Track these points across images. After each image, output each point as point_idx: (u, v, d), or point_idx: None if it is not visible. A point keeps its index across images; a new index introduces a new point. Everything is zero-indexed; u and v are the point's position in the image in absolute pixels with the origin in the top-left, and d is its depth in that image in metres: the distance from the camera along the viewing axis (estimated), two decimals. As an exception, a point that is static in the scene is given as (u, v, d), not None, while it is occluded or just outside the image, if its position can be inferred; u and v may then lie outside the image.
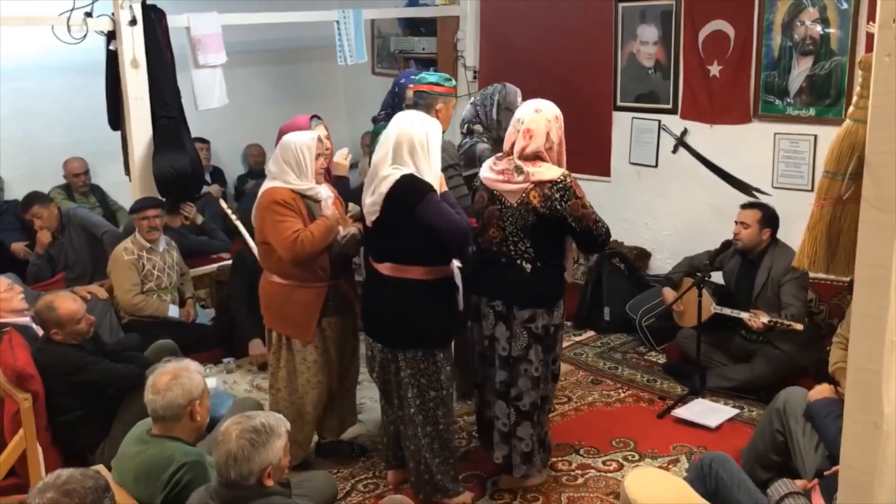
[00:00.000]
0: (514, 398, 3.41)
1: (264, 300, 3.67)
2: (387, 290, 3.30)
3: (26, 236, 5.51)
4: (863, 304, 1.90)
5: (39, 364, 3.51)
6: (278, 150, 3.53)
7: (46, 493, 2.05)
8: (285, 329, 3.60)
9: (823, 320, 4.57)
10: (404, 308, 3.27)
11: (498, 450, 3.51)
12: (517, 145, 3.30)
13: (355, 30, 5.87)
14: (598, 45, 5.73)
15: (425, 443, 3.36)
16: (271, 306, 3.63)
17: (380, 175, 3.19)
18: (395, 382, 3.39)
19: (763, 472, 3.35)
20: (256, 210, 3.54)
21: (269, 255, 3.56)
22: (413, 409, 3.34)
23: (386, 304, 3.31)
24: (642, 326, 5.15)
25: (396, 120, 3.28)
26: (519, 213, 3.26)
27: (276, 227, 3.41)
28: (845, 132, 2.00)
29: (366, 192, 3.27)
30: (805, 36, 4.70)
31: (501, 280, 3.36)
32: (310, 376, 3.62)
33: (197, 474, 2.58)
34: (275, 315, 3.63)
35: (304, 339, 3.58)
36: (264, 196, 3.49)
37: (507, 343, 3.37)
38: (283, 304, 3.57)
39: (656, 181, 5.59)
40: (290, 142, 3.51)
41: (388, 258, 3.27)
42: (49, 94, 6.16)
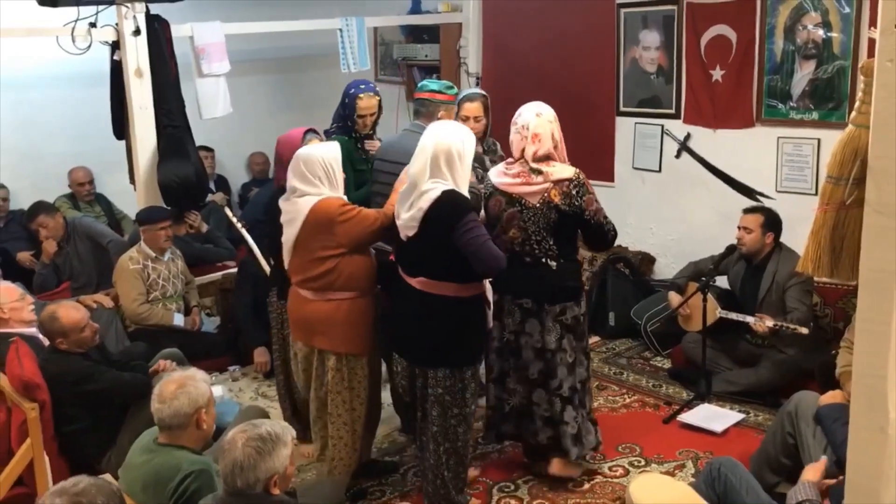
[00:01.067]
0: (556, 388, 3.53)
1: (316, 324, 3.38)
2: (418, 305, 3.23)
3: (32, 246, 5.53)
4: (867, 308, 1.90)
5: (46, 374, 3.52)
6: (302, 167, 3.31)
7: (58, 497, 2.06)
8: (347, 346, 3.37)
9: (829, 324, 4.56)
10: (436, 325, 3.22)
11: (542, 433, 3.62)
12: (528, 150, 3.43)
13: (358, 37, 5.89)
14: (600, 51, 5.74)
15: (444, 459, 3.32)
16: (330, 327, 3.35)
17: (419, 189, 3.13)
18: (420, 397, 3.35)
19: (772, 476, 3.35)
20: (315, 227, 3.27)
21: (338, 269, 3.30)
22: (435, 427, 3.30)
23: (417, 319, 3.25)
24: (647, 331, 5.14)
25: (431, 131, 3.22)
26: (542, 213, 3.39)
27: (358, 220, 3.25)
28: (848, 137, 2.00)
29: (401, 205, 3.21)
30: (807, 40, 4.70)
31: (529, 278, 3.45)
32: (360, 391, 3.45)
33: (204, 483, 2.59)
34: (335, 334, 3.36)
35: (363, 353, 3.42)
36: (321, 209, 3.25)
37: (539, 336, 3.49)
38: (345, 320, 3.35)
39: (660, 186, 5.59)
40: (315, 156, 3.32)
41: (423, 273, 3.21)
42: (54, 105, 6.18)
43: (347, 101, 4.19)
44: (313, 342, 3.42)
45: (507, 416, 3.69)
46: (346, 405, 3.44)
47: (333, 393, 3.42)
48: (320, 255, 3.30)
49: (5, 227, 5.76)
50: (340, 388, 3.42)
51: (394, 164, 3.86)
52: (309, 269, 3.35)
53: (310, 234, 3.29)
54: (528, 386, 3.58)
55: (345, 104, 4.21)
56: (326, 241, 3.27)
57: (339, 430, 3.46)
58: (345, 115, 4.22)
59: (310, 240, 3.30)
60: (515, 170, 3.46)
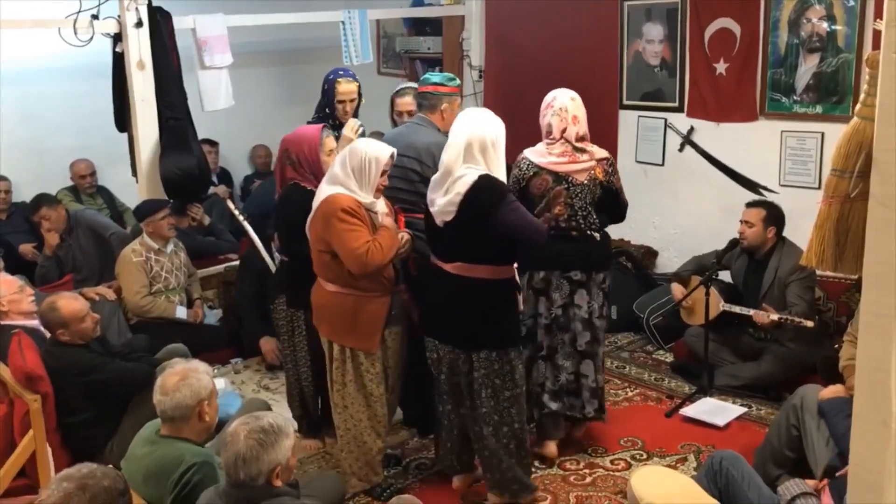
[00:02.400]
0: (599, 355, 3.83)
1: (325, 311, 3.43)
2: (458, 290, 3.26)
3: (34, 238, 5.53)
4: (871, 302, 1.89)
5: (49, 366, 3.52)
6: (347, 155, 3.31)
7: (65, 482, 2.10)
8: (351, 341, 3.39)
9: (831, 318, 4.56)
10: (477, 308, 3.25)
11: (588, 405, 3.81)
12: (570, 131, 3.67)
13: (361, 30, 5.88)
14: (603, 44, 5.72)
15: (504, 443, 3.33)
16: (335, 318, 3.40)
17: (454, 175, 3.16)
18: (465, 383, 3.34)
19: (775, 469, 3.36)
20: (318, 217, 3.30)
21: (330, 265, 3.34)
22: (487, 410, 3.30)
23: (457, 304, 3.28)
24: (650, 325, 5.14)
25: (464, 120, 3.27)
26: (588, 189, 3.65)
27: (345, 237, 3.20)
28: (853, 130, 1.99)
29: (435, 191, 3.23)
30: (812, 33, 4.69)
31: (578, 251, 3.69)
32: (373, 388, 3.45)
33: (206, 475, 2.59)
34: (339, 327, 3.40)
35: (371, 350, 3.41)
36: (328, 203, 3.26)
37: (587, 306, 3.72)
38: (350, 314, 3.36)
39: (663, 180, 5.58)
40: (361, 149, 3.31)
41: (460, 258, 3.23)
42: (56, 97, 6.18)
43: (327, 88, 4.20)
44: (321, 330, 3.49)
45: (557, 394, 3.77)
46: (351, 398, 3.44)
47: (338, 384, 3.45)
48: (318, 247, 3.35)
49: (8, 220, 5.76)
50: (344, 381, 3.43)
51: (398, 156, 3.85)
52: (318, 258, 3.40)
53: (317, 224, 3.33)
54: (577, 358, 3.76)
55: (324, 91, 4.22)
56: (324, 234, 3.29)
57: (346, 422, 3.47)
58: (324, 102, 4.23)
59: (315, 229, 3.35)
60: (559, 149, 3.66)
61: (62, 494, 2.07)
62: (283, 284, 3.91)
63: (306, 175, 3.68)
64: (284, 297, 3.87)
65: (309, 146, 3.65)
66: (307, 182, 3.66)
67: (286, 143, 3.74)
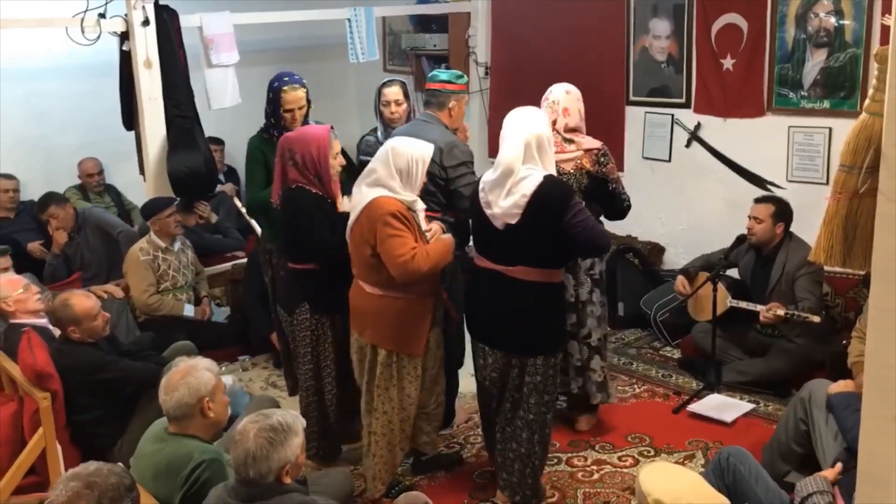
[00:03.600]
0: (585, 337, 3.90)
1: (368, 317, 3.36)
2: (520, 295, 3.19)
3: (42, 236, 5.55)
4: (880, 297, 1.89)
5: (58, 364, 3.54)
6: (390, 156, 3.26)
7: (71, 481, 2.10)
8: (397, 345, 3.34)
9: (839, 314, 4.55)
10: (538, 314, 3.22)
11: (573, 382, 3.97)
12: (559, 122, 3.79)
13: (367, 27, 5.87)
14: (610, 40, 5.71)
15: (536, 449, 3.33)
16: (380, 323, 3.33)
17: (515, 176, 3.10)
18: (513, 387, 3.31)
19: (783, 465, 3.36)
20: (363, 221, 3.24)
21: (375, 268, 3.28)
22: (533, 415, 3.28)
23: (519, 310, 3.21)
24: (657, 321, 5.14)
25: (518, 119, 3.21)
26: (575, 178, 3.73)
27: (390, 243, 3.16)
28: (861, 125, 1.98)
29: (494, 192, 3.15)
30: (819, 28, 4.67)
31: None
32: (411, 391, 3.42)
33: (215, 472, 2.60)
34: (385, 332, 3.34)
35: (417, 354, 3.38)
36: (374, 207, 3.21)
37: (574, 290, 3.84)
38: (396, 318, 3.32)
39: (670, 176, 5.57)
40: (407, 150, 3.27)
41: (523, 261, 3.16)
42: (64, 96, 6.19)
43: (272, 96, 3.98)
44: (364, 335, 3.41)
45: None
46: (391, 402, 3.41)
47: (381, 389, 3.40)
48: (364, 251, 3.28)
49: (16, 218, 5.77)
50: (388, 385, 3.39)
51: None
52: (362, 262, 3.33)
53: (360, 227, 3.27)
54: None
55: (269, 99, 4.01)
56: (369, 237, 3.23)
57: (380, 427, 3.43)
58: (269, 111, 4.02)
59: (360, 232, 3.27)
60: None
61: (70, 494, 2.07)
62: (304, 292, 3.62)
63: (310, 177, 3.49)
64: (307, 305, 3.61)
65: (317, 147, 3.47)
66: (311, 185, 3.49)
67: (290, 143, 3.53)
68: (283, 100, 3.96)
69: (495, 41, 6.50)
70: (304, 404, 3.74)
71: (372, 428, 3.44)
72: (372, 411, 3.43)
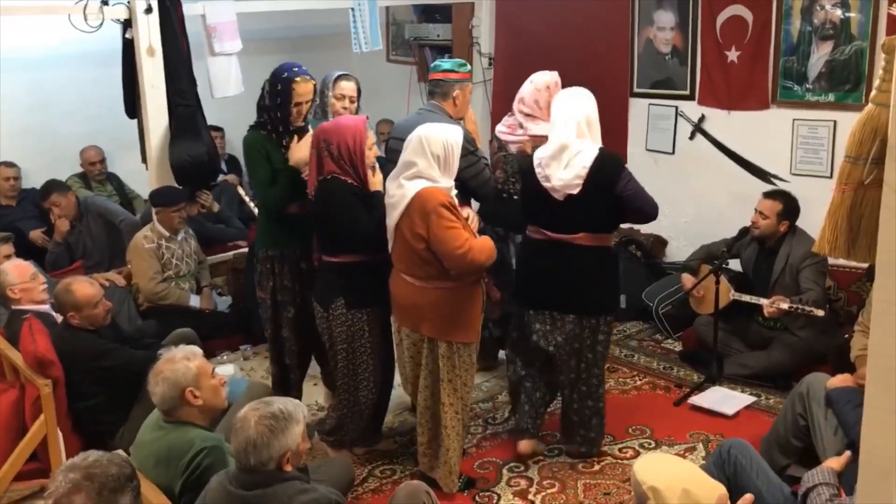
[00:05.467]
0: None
1: (424, 310, 3.34)
2: (585, 260, 3.47)
3: (44, 224, 5.55)
4: (884, 290, 1.88)
5: (60, 350, 3.54)
6: (425, 144, 3.25)
7: (71, 472, 2.07)
8: (455, 336, 3.36)
9: (842, 307, 4.54)
10: (603, 274, 3.54)
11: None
12: (516, 107, 4.17)
13: (370, 17, 5.85)
14: (614, 31, 5.69)
15: (602, 405, 3.67)
16: (437, 315, 3.33)
17: (571, 150, 3.39)
18: (585, 348, 3.55)
19: (782, 458, 3.35)
20: (414, 213, 3.21)
21: (426, 261, 3.26)
22: (601, 370, 3.63)
23: (586, 273, 3.49)
24: (659, 314, 5.13)
25: (568, 98, 3.52)
26: (515, 159, 4.05)
27: (446, 234, 3.17)
28: (867, 116, 1.97)
29: (550, 167, 3.42)
30: (825, 20, 4.65)
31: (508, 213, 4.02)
32: (468, 379, 3.45)
33: (216, 459, 2.60)
34: (443, 323, 3.34)
35: (473, 340, 3.42)
36: (424, 199, 3.20)
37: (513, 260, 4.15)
38: (453, 308, 3.34)
39: (673, 168, 5.56)
40: (440, 135, 3.27)
41: (585, 228, 3.45)
42: (66, 84, 6.18)
43: (281, 88, 3.66)
44: (421, 329, 3.39)
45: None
46: (456, 393, 3.42)
47: (445, 382, 3.40)
48: (417, 245, 3.25)
49: (18, 206, 5.77)
50: (452, 377, 3.39)
51: None
52: (410, 257, 3.31)
53: (410, 221, 3.24)
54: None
55: (277, 91, 3.68)
56: (421, 231, 3.22)
57: (451, 420, 3.43)
58: (275, 104, 3.69)
59: (409, 226, 3.25)
60: (508, 122, 4.20)
61: (70, 486, 2.03)
62: (340, 286, 3.49)
63: (346, 167, 3.39)
64: (343, 300, 3.48)
65: (354, 138, 3.37)
66: (346, 175, 3.40)
67: (326, 134, 3.41)
68: (296, 92, 3.66)
69: (499, 31, 6.47)
70: (340, 400, 3.65)
71: (444, 423, 3.43)
72: (440, 405, 3.43)
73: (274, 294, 3.85)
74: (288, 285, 3.82)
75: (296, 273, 3.81)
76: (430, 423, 3.49)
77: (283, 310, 3.85)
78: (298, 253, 3.80)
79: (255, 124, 3.83)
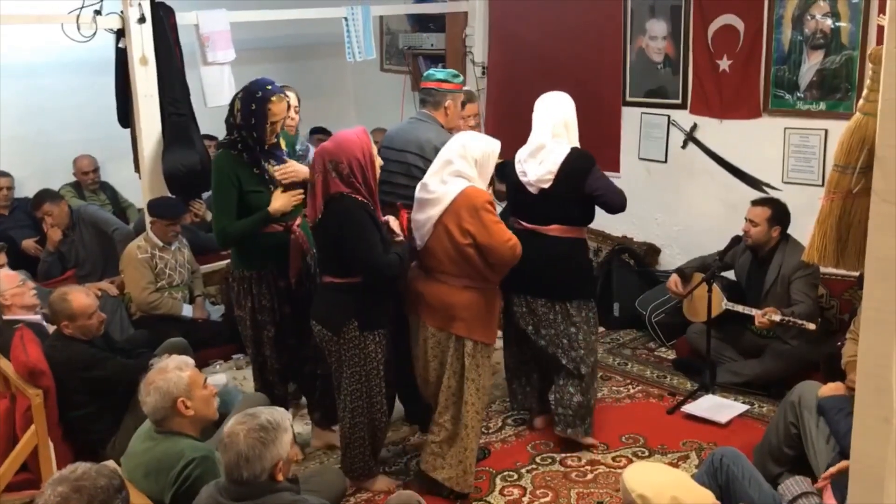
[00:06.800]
0: None
1: (458, 309, 3.38)
2: (557, 250, 3.74)
3: (37, 233, 5.54)
4: (873, 297, 1.89)
5: (51, 360, 3.53)
6: (466, 149, 3.37)
7: (59, 486, 2.05)
8: (481, 335, 3.45)
9: (834, 315, 4.55)
10: (574, 264, 3.80)
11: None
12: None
13: (364, 26, 5.87)
14: (607, 40, 5.71)
15: (588, 388, 3.83)
16: (470, 314, 3.40)
17: (547, 148, 3.70)
18: (558, 333, 3.78)
19: (775, 467, 3.35)
20: (462, 210, 3.29)
21: (466, 258, 3.34)
22: (584, 351, 3.79)
23: (557, 262, 3.74)
24: (652, 322, 5.13)
25: (548, 101, 3.78)
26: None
27: (495, 230, 3.32)
28: (855, 125, 1.98)
29: (527, 163, 3.74)
30: (816, 30, 4.67)
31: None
32: (486, 379, 3.54)
33: (206, 469, 2.59)
34: (476, 322, 3.42)
35: (493, 341, 3.53)
36: (471, 197, 3.31)
37: None
38: (484, 307, 3.44)
39: (666, 177, 5.57)
40: (479, 142, 3.43)
41: (558, 221, 3.74)
42: (59, 93, 6.18)
43: (256, 108, 3.46)
44: (452, 328, 3.42)
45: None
46: (478, 393, 3.48)
47: (469, 381, 3.45)
48: (462, 241, 3.32)
49: (10, 215, 5.77)
50: (475, 376, 3.46)
51: (401, 151, 3.86)
52: (449, 254, 3.37)
53: (456, 217, 3.32)
54: None
55: (251, 111, 3.47)
56: (469, 226, 3.30)
57: (472, 419, 3.47)
58: (248, 124, 3.49)
59: (456, 222, 3.32)
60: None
61: (59, 499, 2.01)
62: (351, 308, 3.34)
63: (357, 185, 3.25)
64: (356, 322, 3.34)
65: (362, 150, 3.26)
66: (356, 193, 3.26)
67: (330, 154, 3.25)
68: (271, 112, 3.49)
69: (492, 41, 6.49)
70: (350, 426, 3.46)
71: (465, 422, 3.46)
72: (463, 404, 3.46)
73: (253, 313, 3.75)
74: (267, 305, 3.73)
75: (274, 292, 3.72)
76: (448, 423, 3.49)
77: (264, 329, 3.77)
78: (276, 272, 3.71)
79: (225, 142, 3.64)
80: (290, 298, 3.73)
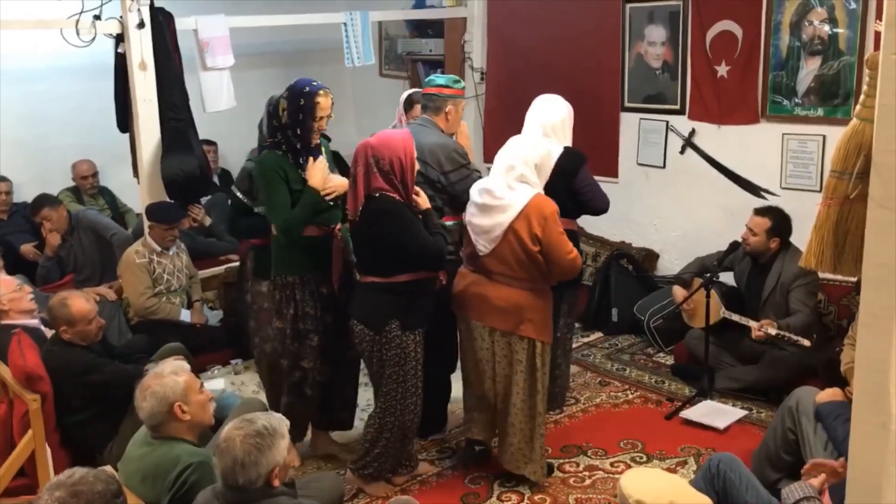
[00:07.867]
0: None
1: (525, 311, 3.45)
2: None
3: (36, 238, 5.53)
4: (870, 303, 1.89)
5: (49, 365, 3.52)
6: (530, 152, 3.45)
7: (56, 491, 2.05)
8: (547, 335, 3.55)
9: (832, 321, 4.55)
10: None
11: None
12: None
13: (362, 32, 5.88)
14: (605, 46, 5.72)
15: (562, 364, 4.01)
16: (536, 315, 3.48)
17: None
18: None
19: (773, 472, 3.34)
20: (532, 216, 3.35)
21: (533, 264, 3.42)
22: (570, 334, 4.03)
23: None
24: (650, 328, 5.13)
25: (542, 104, 3.93)
26: None
27: (561, 239, 3.40)
28: (852, 131, 1.99)
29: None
30: (813, 36, 4.68)
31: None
32: (542, 380, 3.57)
33: (203, 475, 2.59)
34: (540, 323, 3.51)
35: (550, 340, 3.60)
36: (540, 205, 3.38)
37: None
38: (543, 310, 3.52)
39: (664, 182, 5.57)
40: (541, 146, 3.52)
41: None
42: (58, 97, 6.18)
43: (304, 103, 3.50)
44: (521, 330, 3.47)
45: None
46: (544, 389, 3.57)
47: (539, 376, 3.53)
48: (532, 247, 3.37)
49: (9, 220, 5.77)
50: (541, 374, 3.53)
51: None
52: (518, 259, 3.42)
53: (527, 223, 3.36)
54: None
55: (300, 107, 3.51)
56: (538, 232, 3.36)
57: (542, 407, 3.57)
58: (296, 120, 3.52)
59: (527, 228, 3.36)
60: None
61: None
62: (393, 307, 3.38)
63: (395, 184, 3.32)
64: (397, 322, 3.38)
65: (405, 151, 3.32)
66: (394, 192, 3.33)
67: (373, 150, 3.31)
68: (319, 106, 3.50)
69: (491, 47, 6.50)
70: (378, 425, 3.51)
71: (539, 409, 3.54)
72: (532, 401, 3.54)
73: (295, 322, 3.65)
74: (311, 312, 3.64)
75: (317, 298, 3.65)
76: (523, 424, 3.55)
77: (306, 338, 3.66)
78: (319, 277, 3.65)
79: (269, 145, 3.66)
80: (333, 306, 3.67)
